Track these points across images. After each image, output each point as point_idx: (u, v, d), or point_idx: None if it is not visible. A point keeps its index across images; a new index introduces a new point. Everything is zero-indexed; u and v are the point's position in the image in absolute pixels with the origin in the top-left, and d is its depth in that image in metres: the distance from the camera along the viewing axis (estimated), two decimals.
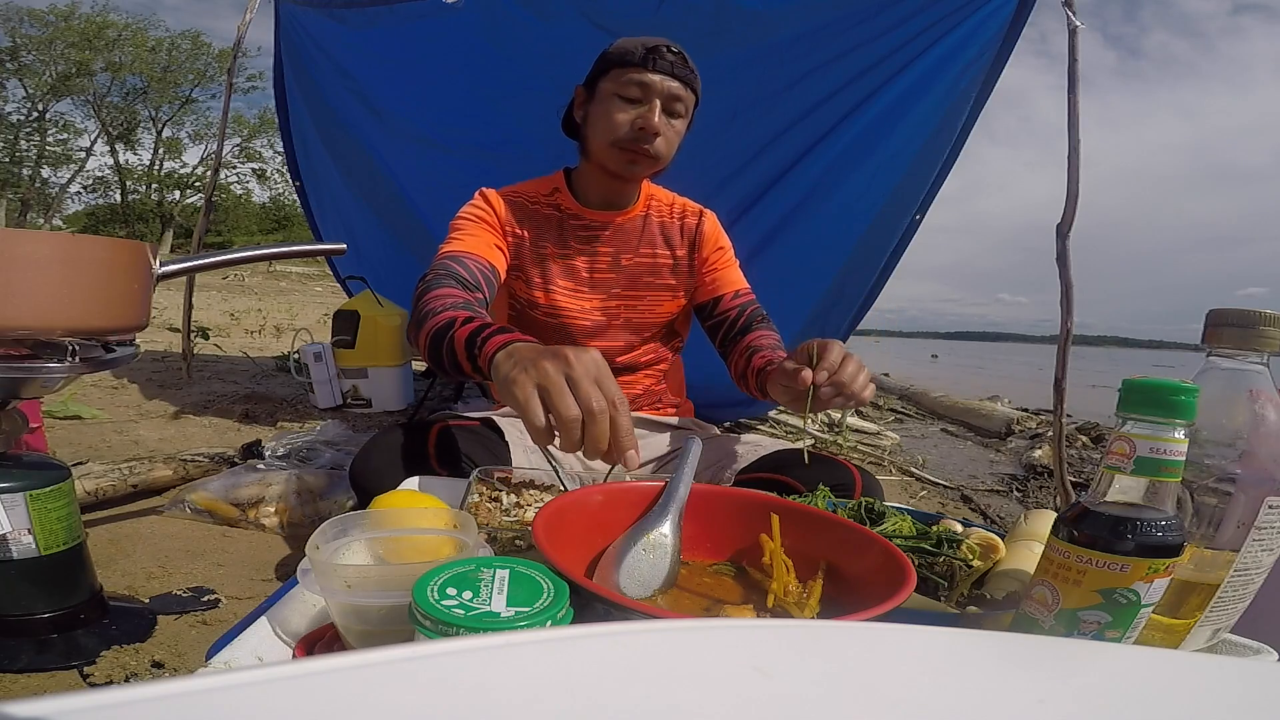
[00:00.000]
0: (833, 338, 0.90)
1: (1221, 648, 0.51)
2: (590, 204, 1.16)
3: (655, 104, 1.04)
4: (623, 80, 1.05)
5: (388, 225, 2.70)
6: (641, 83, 1.04)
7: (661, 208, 1.21)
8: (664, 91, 1.05)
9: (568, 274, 1.15)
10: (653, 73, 1.04)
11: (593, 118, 1.09)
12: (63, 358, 0.78)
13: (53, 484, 0.86)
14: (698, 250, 1.20)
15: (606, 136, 1.06)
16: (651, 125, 1.04)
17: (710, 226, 1.22)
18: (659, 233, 1.19)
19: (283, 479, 1.47)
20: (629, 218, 1.17)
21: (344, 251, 1.12)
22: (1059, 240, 1.81)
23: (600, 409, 0.57)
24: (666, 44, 1.05)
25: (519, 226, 1.13)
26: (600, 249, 1.16)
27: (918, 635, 0.31)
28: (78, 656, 0.86)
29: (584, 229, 1.15)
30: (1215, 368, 0.48)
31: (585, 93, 1.12)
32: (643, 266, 1.17)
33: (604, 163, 1.09)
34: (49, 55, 22.35)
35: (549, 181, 1.18)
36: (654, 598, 0.51)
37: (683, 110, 1.08)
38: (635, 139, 1.05)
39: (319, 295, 10.65)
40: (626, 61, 1.05)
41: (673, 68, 1.05)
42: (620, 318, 1.17)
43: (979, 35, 1.88)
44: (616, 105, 1.06)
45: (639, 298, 1.18)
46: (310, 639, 0.46)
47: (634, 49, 1.04)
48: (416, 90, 2.30)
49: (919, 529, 0.63)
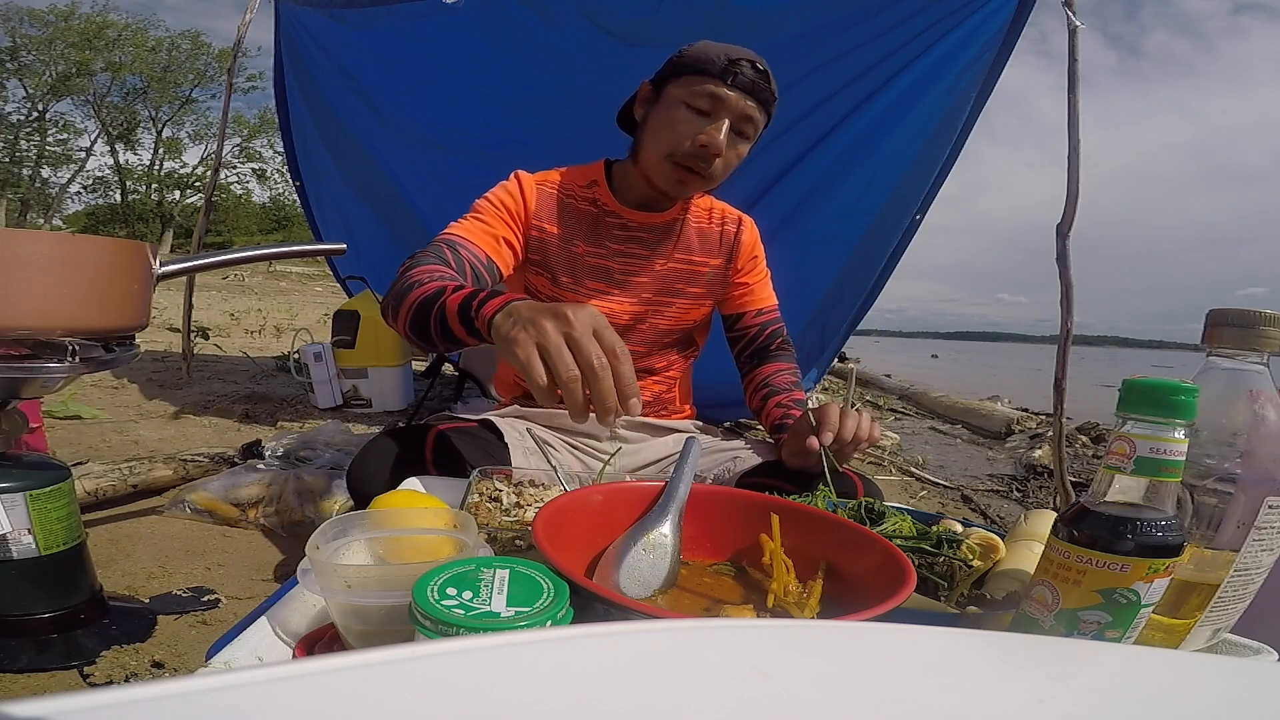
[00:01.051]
0: (833, 337, 0.91)
1: (1221, 648, 0.51)
2: (628, 203, 1.10)
3: (724, 122, 0.96)
4: (694, 89, 0.96)
5: (388, 225, 2.70)
6: (715, 96, 0.95)
7: (699, 212, 1.15)
8: (737, 110, 0.96)
9: (598, 274, 1.10)
10: (730, 88, 0.95)
11: (654, 123, 1.02)
12: (63, 358, 0.78)
13: (53, 484, 0.86)
14: (734, 260, 1.15)
15: (664, 148, 0.99)
16: (716, 144, 0.96)
17: (749, 236, 1.17)
18: (696, 238, 1.14)
19: (283, 479, 1.47)
20: (667, 220, 1.12)
21: (344, 251, 1.12)
22: (1059, 240, 1.81)
23: (601, 365, 0.57)
24: (752, 59, 0.96)
25: (550, 221, 1.08)
26: (635, 250, 1.10)
27: (918, 635, 0.31)
28: (78, 656, 0.86)
29: (621, 228, 1.10)
30: (1215, 368, 0.48)
31: (651, 91, 1.04)
32: (677, 272, 1.12)
33: (651, 174, 1.03)
34: (49, 55, 22.36)
35: (587, 172, 1.12)
36: (654, 598, 0.51)
37: (751, 133, 1.00)
38: (694, 155, 0.97)
39: (319, 295, 10.64)
40: (703, 69, 0.96)
41: (753, 85, 0.96)
42: (646, 322, 1.13)
43: (979, 35, 1.88)
44: (682, 115, 0.97)
45: (668, 304, 1.13)
46: (310, 639, 0.46)
47: (715, 57, 0.96)
48: (417, 90, 2.30)
49: (919, 529, 0.63)
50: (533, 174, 1.10)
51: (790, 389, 1.10)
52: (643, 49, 1.94)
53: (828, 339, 2.43)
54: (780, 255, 2.26)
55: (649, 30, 1.90)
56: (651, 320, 1.14)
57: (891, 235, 2.23)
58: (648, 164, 1.03)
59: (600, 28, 1.91)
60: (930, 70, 1.93)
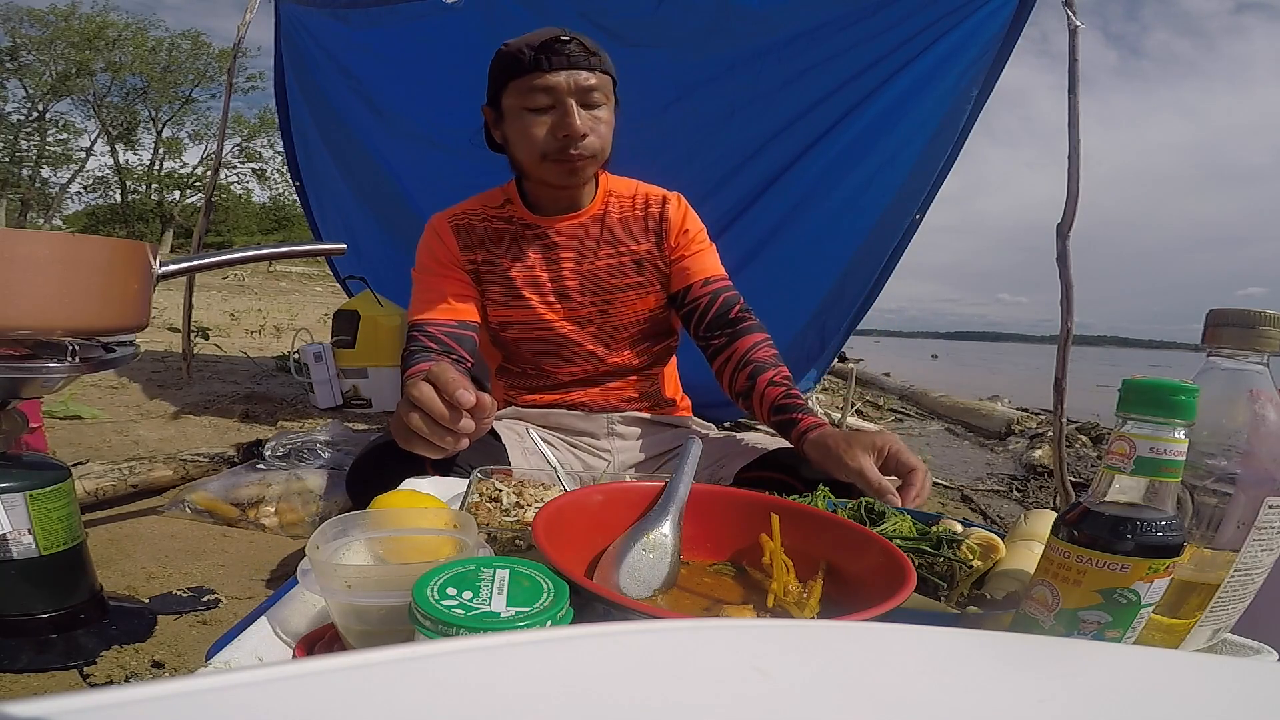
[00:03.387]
0: (833, 337, 0.90)
1: (1221, 648, 0.51)
2: (545, 211, 1.09)
3: (569, 104, 0.95)
4: (524, 90, 0.96)
5: (388, 225, 2.70)
6: (545, 87, 0.95)
7: (622, 201, 1.12)
8: (573, 88, 0.95)
9: (532, 287, 1.08)
10: (552, 73, 0.95)
11: (511, 138, 1.02)
12: (63, 358, 0.78)
13: (53, 484, 0.86)
14: (665, 239, 1.11)
15: (532, 154, 0.99)
16: (574, 129, 0.95)
17: (675, 211, 1.12)
18: (621, 229, 1.11)
19: (283, 479, 1.47)
20: (586, 219, 1.10)
21: (344, 251, 1.12)
22: (1059, 240, 1.81)
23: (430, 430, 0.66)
24: (556, 34, 0.95)
25: (472, 252, 1.07)
26: (560, 256, 1.09)
27: (918, 635, 0.31)
28: (78, 656, 0.86)
29: (540, 238, 1.09)
30: (1215, 368, 0.48)
31: (493, 112, 1.04)
32: (605, 269, 1.10)
33: (543, 178, 1.03)
34: (49, 55, 22.35)
35: (501, 193, 1.11)
36: (654, 598, 0.51)
37: (602, 98, 0.99)
38: (562, 148, 0.97)
39: (319, 295, 10.65)
40: (519, 70, 0.96)
41: (571, 59, 0.95)
42: (594, 324, 1.11)
43: (980, 34, 1.88)
44: (528, 120, 0.97)
45: (609, 301, 1.11)
46: (310, 639, 0.46)
47: (524, 53, 0.95)
48: (418, 90, 2.31)
49: (919, 529, 0.63)
50: (443, 213, 1.11)
51: (776, 364, 1.03)
52: (642, 49, 1.94)
53: (828, 339, 2.43)
54: (780, 255, 2.28)
55: (648, 30, 1.90)
56: (599, 321, 1.11)
57: (891, 235, 2.22)
58: (534, 173, 1.03)
59: (600, 28, 1.91)
60: (930, 70, 1.93)
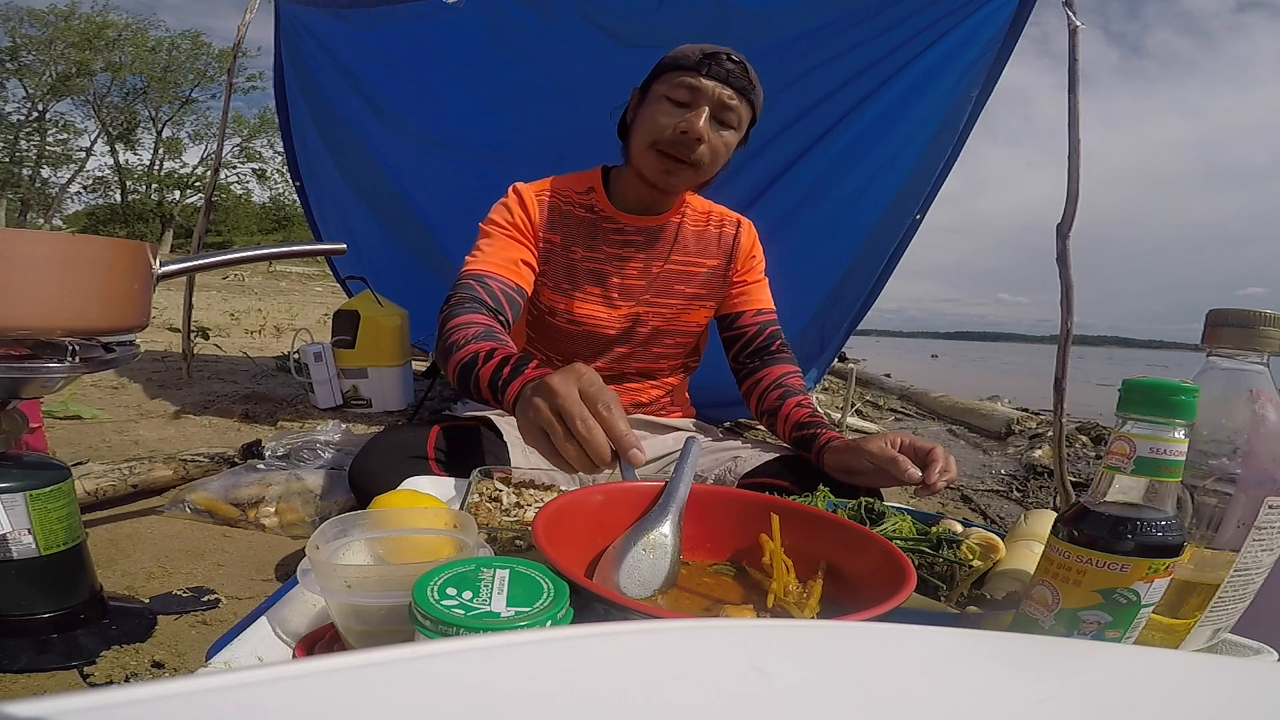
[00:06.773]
0: (833, 337, 0.92)
1: (1221, 648, 0.51)
2: (625, 208, 1.12)
3: (703, 109, 1.00)
4: (674, 83, 1.01)
5: (388, 225, 2.70)
6: (692, 86, 0.99)
7: (696, 215, 1.17)
8: (714, 98, 1.00)
9: (596, 279, 1.12)
10: (706, 78, 0.99)
11: (639, 120, 1.06)
12: (63, 358, 0.78)
13: (53, 484, 0.85)
14: (733, 261, 1.17)
15: (647, 139, 1.03)
16: (695, 129, 0.99)
17: (746, 237, 1.19)
18: (694, 241, 1.16)
19: (283, 479, 1.47)
20: (662, 223, 1.14)
21: (344, 251, 1.12)
22: (1059, 240, 1.81)
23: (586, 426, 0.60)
24: (728, 52, 1.01)
25: (551, 230, 1.10)
26: (632, 254, 1.12)
27: (918, 635, 0.31)
28: (78, 656, 0.86)
29: (616, 233, 1.12)
30: (1215, 368, 0.48)
31: (639, 95, 1.09)
32: (674, 274, 1.14)
33: (641, 168, 1.06)
34: (49, 55, 22.32)
35: (585, 179, 1.14)
36: (654, 598, 0.51)
37: (735, 121, 1.03)
38: (676, 142, 1.01)
39: (319, 295, 10.64)
40: (680, 65, 1.01)
41: (729, 75, 1.00)
42: (648, 325, 1.14)
43: (980, 34, 1.88)
44: (663, 108, 1.01)
45: (667, 305, 1.15)
46: (310, 639, 0.46)
47: (690, 53, 1.01)
48: (418, 90, 2.31)
49: (919, 529, 0.63)
50: (529, 184, 1.11)
51: (803, 392, 1.10)
52: (642, 49, 1.94)
53: (828, 339, 2.43)
54: (780, 255, 2.26)
55: (649, 30, 1.90)
56: (653, 324, 1.14)
57: (892, 235, 2.22)
58: (636, 158, 1.06)
59: (600, 28, 1.91)
60: (931, 69, 1.93)
